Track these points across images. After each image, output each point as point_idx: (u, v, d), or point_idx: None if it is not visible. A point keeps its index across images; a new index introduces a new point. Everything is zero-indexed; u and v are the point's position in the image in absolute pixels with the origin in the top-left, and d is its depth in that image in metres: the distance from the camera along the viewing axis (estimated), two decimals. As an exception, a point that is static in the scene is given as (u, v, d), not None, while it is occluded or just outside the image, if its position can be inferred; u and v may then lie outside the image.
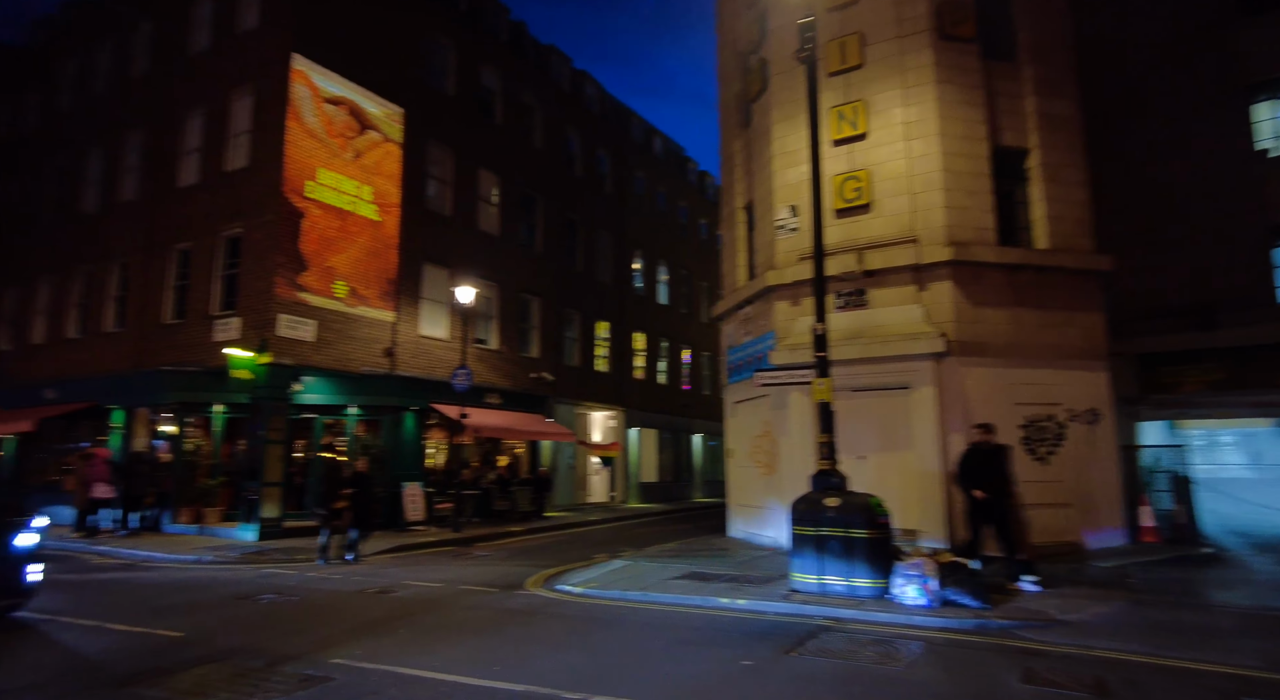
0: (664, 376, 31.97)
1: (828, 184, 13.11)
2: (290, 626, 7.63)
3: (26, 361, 21.36)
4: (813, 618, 7.99)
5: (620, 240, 29.56)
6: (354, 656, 6.39)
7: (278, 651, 6.55)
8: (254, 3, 18.27)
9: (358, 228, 18.21)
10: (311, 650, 6.59)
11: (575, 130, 27.52)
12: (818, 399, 9.69)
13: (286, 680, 5.72)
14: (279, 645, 6.78)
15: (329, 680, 5.72)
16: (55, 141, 22.66)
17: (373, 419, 18.09)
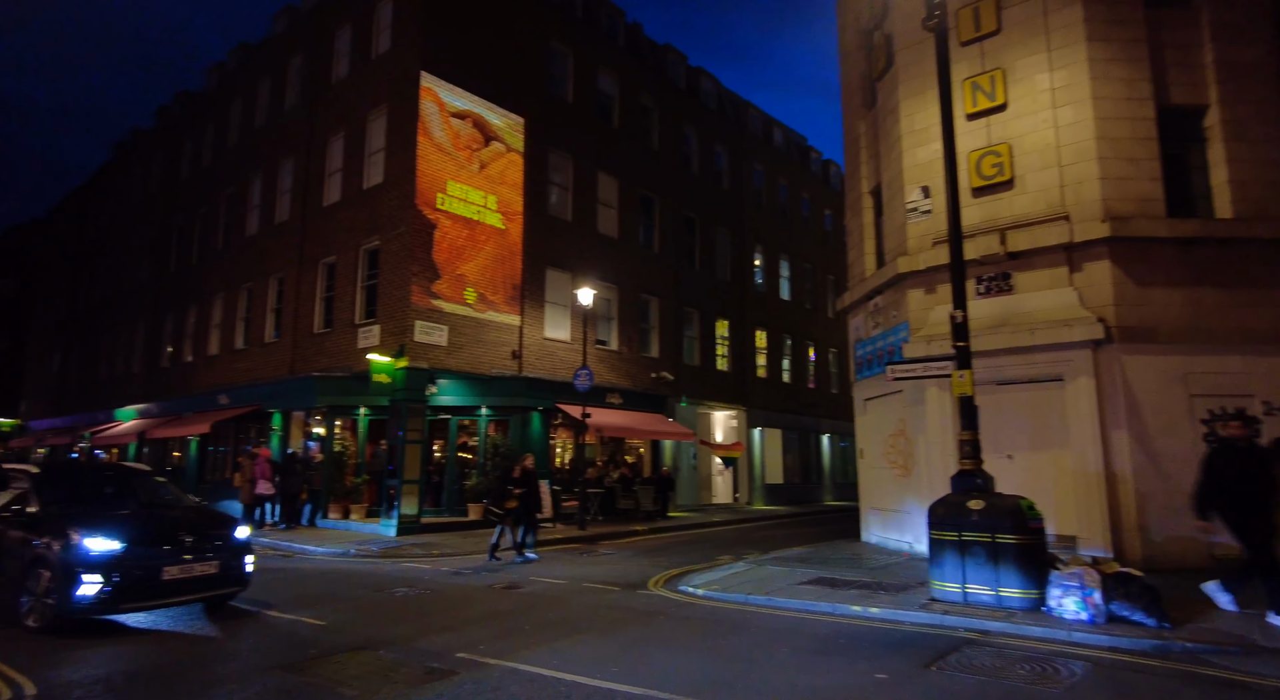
0: (788, 374, 31.07)
1: (963, 161, 12.12)
2: (421, 620, 7.88)
3: (205, 371, 23.87)
4: (955, 629, 7.31)
5: (739, 236, 29.05)
6: (478, 651, 6.46)
7: (407, 644, 6.75)
8: (386, 27, 19.44)
9: (485, 236, 18.91)
10: (438, 644, 6.75)
11: (692, 127, 27.33)
12: (958, 393, 8.91)
13: (414, 672, 5.86)
14: (409, 638, 6.99)
15: (453, 674, 5.79)
16: (226, 173, 25.20)
17: (502, 419, 18.71)
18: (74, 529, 6.89)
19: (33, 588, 6.86)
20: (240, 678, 5.67)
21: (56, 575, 6.66)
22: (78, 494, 8.17)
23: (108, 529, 7.01)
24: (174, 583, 7.11)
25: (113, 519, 7.39)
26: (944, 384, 11.75)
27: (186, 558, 7.27)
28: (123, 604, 6.83)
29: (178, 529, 7.56)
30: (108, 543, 6.84)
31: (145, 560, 6.98)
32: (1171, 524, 10.17)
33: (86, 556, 6.70)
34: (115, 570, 6.74)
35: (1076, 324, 10.79)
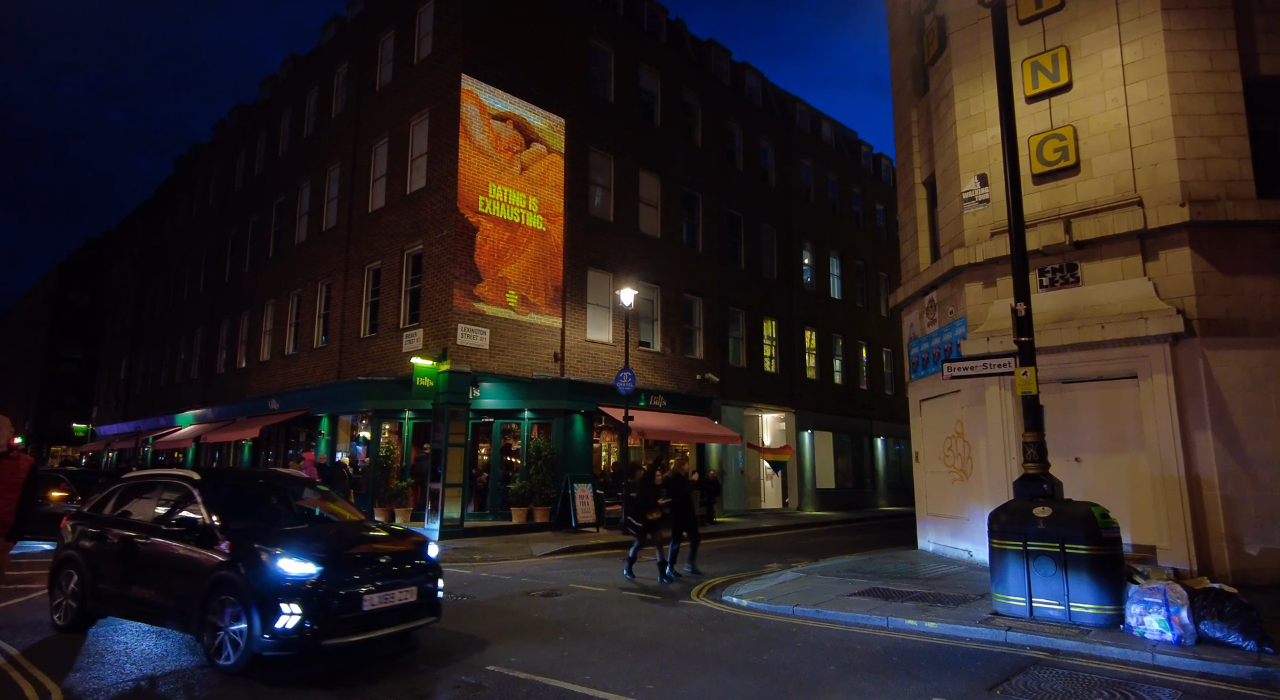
0: (839, 375, 30.21)
1: (1023, 146, 11.39)
2: (455, 628, 7.64)
3: (257, 376, 24.40)
4: (1021, 647, 6.71)
5: (786, 233, 28.37)
6: (509, 664, 6.18)
7: (438, 653, 6.52)
8: (428, 32, 19.54)
9: (526, 238, 18.79)
10: (470, 655, 6.49)
11: (736, 124, 26.82)
12: (1021, 392, 8.27)
13: (443, 685, 5.62)
14: (441, 647, 6.76)
15: (481, 689, 5.52)
16: (277, 182, 25.77)
17: (545, 422, 18.54)
18: (264, 548, 5.89)
19: (216, 618, 5.84)
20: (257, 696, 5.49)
21: (247, 603, 5.63)
22: (243, 505, 7.13)
23: (300, 548, 5.99)
24: (375, 613, 6.00)
25: (301, 537, 6.40)
26: (1005, 383, 11.06)
27: (385, 583, 6.15)
28: (324, 639, 5.70)
29: (366, 549, 6.59)
30: (303, 565, 5.81)
31: (345, 586, 5.88)
32: (1268, 535, 9.29)
33: (283, 582, 5.68)
34: (315, 598, 5.69)
35: (1153, 316, 9.97)
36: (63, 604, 7.19)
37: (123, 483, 7.76)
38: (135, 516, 7.13)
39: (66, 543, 7.47)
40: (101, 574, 6.92)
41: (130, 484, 7.67)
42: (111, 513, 7.37)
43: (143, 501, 7.23)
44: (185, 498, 6.80)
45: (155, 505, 7.03)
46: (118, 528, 7.07)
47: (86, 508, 7.75)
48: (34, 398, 49.84)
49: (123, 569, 6.75)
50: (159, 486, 7.23)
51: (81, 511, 7.74)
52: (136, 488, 7.53)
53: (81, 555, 7.16)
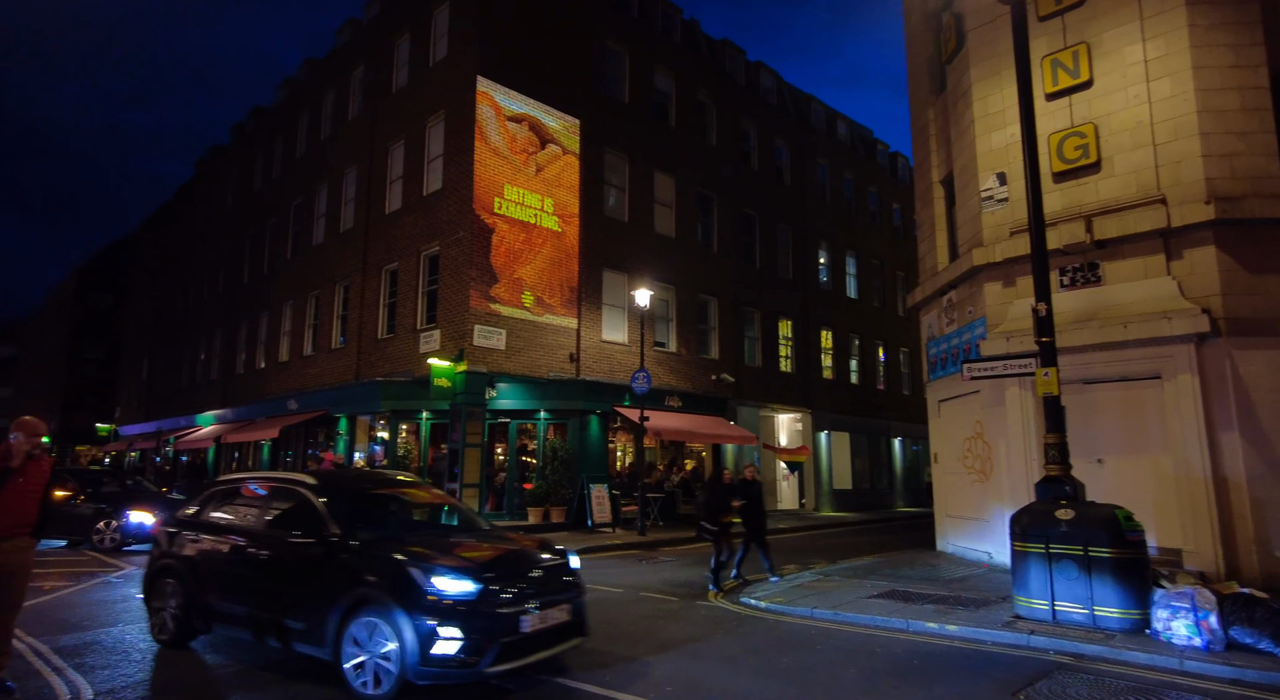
0: (856, 376, 30.03)
1: (1043, 144, 11.26)
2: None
3: (276, 377, 24.62)
4: (1044, 651, 6.63)
5: (802, 233, 28.25)
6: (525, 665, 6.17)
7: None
8: (444, 35, 19.63)
9: (541, 239, 18.84)
10: (486, 654, 6.49)
11: (751, 123, 26.73)
12: (1043, 393, 8.17)
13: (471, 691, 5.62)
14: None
15: (508, 693, 5.51)
16: (294, 184, 25.99)
17: (561, 422, 18.57)
18: (412, 563, 5.30)
19: (358, 643, 5.26)
20: (276, 690, 5.53)
21: (398, 626, 5.05)
22: (365, 513, 6.49)
23: (453, 563, 5.39)
24: (534, 636, 5.40)
25: (448, 549, 5.76)
26: (1025, 383, 10.94)
27: (542, 601, 5.56)
28: (487, 666, 5.11)
29: (518, 562, 5.88)
30: (459, 582, 5.19)
31: (504, 605, 5.29)
32: (1296, 538, 9.11)
33: (440, 602, 5.07)
34: (475, 620, 5.10)
35: (1177, 316, 9.82)
36: (164, 618, 6.64)
37: (221, 486, 7.27)
38: (244, 524, 6.54)
39: (163, 550, 6.94)
40: (207, 587, 6.35)
41: (230, 488, 7.13)
42: (211, 519, 6.82)
43: (248, 508, 6.69)
44: (302, 505, 6.17)
45: (264, 512, 6.49)
46: (225, 537, 6.48)
47: (182, 513, 7.21)
48: (58, 398, 50.63)
49: (233, 582, 6.20)
50: (260, 489, 6.76)
51: (177, 517, 7.19)
52: (237, 492, 6.99)
53: (182, 565, 6.61)
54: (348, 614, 5.31)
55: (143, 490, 15.55)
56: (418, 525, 6.84)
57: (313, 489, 6.24)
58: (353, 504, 6.37)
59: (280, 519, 6.32)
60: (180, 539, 6.80)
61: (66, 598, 9.11)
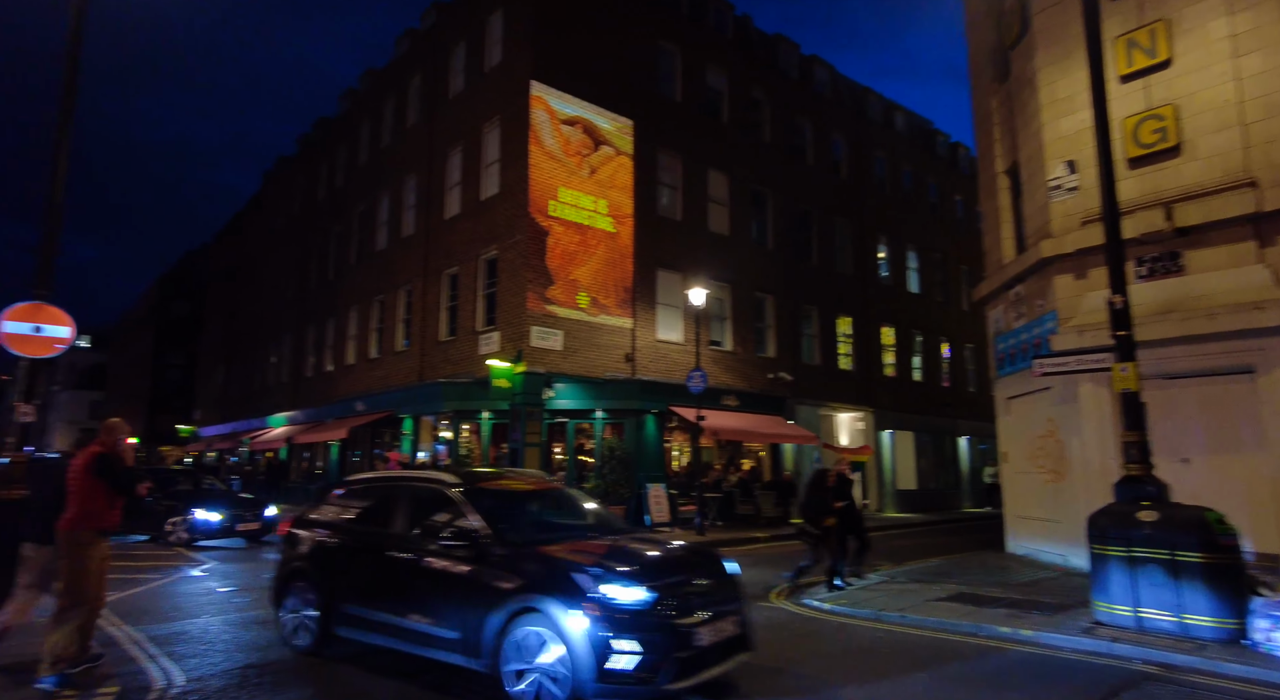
0: (919, 373, 29.26)
1: (1117, 129, 10.72)
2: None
3: (343, 379, 25.46)
4: (1129, 660, 6.33)
5: (860, 227, 27.68)
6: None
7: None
8: (498, 41, 19.96)
9: (596, 240, 18.97)
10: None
11: (806, 118, 26.34)
12: (1120, 389, 7.81)
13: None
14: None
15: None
16: (357, 192, 26.83)
17: (617, 422, 18.66)
18: (578, 568, 4.89)
19: (521, 656, 4.89)
20: (352, 684, 5.70)
21: (567, 639, 4.65)
22: (511, 513, 6.10)
23: (622, 569, 4.94)
24: (707, 651, 4.92)
25: (612, 554, 5.33)
26: (1100, 379, 10.45)
27: (714, 611, 5.09)
28: (665, 683, 4.63)
29: (686, 567, 5.42)
30: (632, 591, 4.73)
31: (677, 616, 4.84)
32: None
33: (612, 611, 4.64)
34: (651, 632, 4.65)
35: (1271, 306, 9.24)
36: (300, 623, 6.41)
37: (355, 485, 6.98)
38: (380, 526, 6.18)
39: (294, 553, 6.70)
40: (344, 591, 6.10)
41: (364, 487, 6.84)
42: (343, 520, 6.56)
43: (382, 508, 6.33)
44: (444, 504, 5.86)
45: (402, 513, 6.11)
46: (360, 539, 6.24)
47: (310, 514, 6.95)
48: (144, 402, 53.50)
49: (373, 587, 5.92)
50: (404, 492, 6.34)
51: (307, 518, 6.93)
52: (373, 492, 6.66)
53: (315, 569, 6.38)
54: (508, 623, 4.94)
55: (210, 489, 16.23)
56: (561, 526, 6.37)
57: (453, 487, 5.94)
58: (496, 503, 5.97)
59: (421, 520, 5.96)
60: (311, 541, 6.57)
61: (156, 589, 9.61)
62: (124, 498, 5.87)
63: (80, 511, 5.50)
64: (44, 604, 5.90)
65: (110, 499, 5.65)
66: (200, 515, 14.13)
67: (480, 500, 5.79)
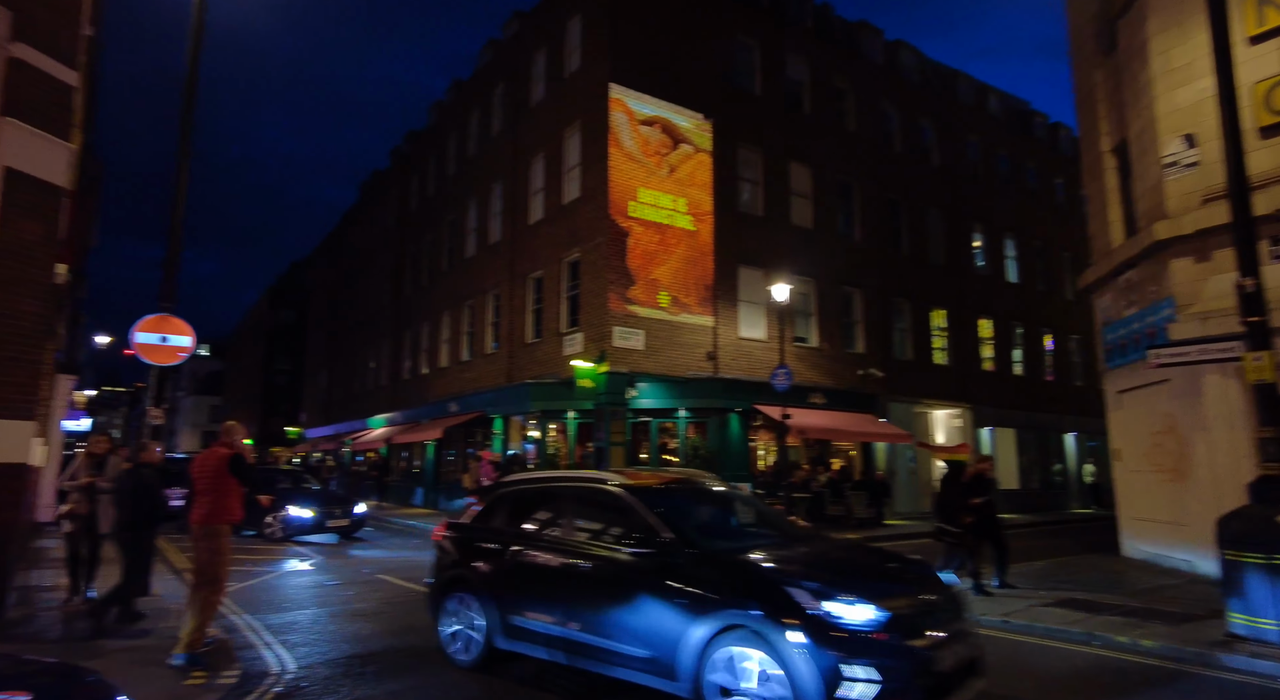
0: (1020, 367, 27.76)
1: (1245, 95, 9.82)
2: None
3: (437, 381, 26.43)
4: (1274, 678, 5.76)
5: (953, 216, 26.50)
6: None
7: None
8: (576, 46, 20.24)
9: (675, 239, 18.94)
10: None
11: (892, 105, 25.45)
12: (1254, 380, 7.13)
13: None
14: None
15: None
16: (446, 201, 27.80)
17: (700, 421, 18.57)
18: (791, 581, 4.34)
19: (727, 680, 4.33)
20: (445, 674, 5.87)
21: (788, 664, 4.06)
22: (691, 520, 5.57)
23: (845, 583, 4.37)
24: (948, 676, 4.27)
25: (823, 564, 4.83)
26: (1228, 369, 9.62)
27: (948, 630, 4.45)
28: None
29: (911, 580, 4.79)
30: (859, 607, 4.14)
31: (913, 636, 4.20)
32: None
33: (841, 631, 4.05)
34: (886, 655, 4.05)
35: None
36: (462, 635, 6.05)
37: (512, 488, 6.58)
38: (551, 532, 5.78)
39: (453, 559, 6.33)
40: (512, 602, 5.68)
41: (522, 490, 6.44)
42: (508, 526, 6.14)
43: (548, 512, 5.95)
44: (617, 507, 5.43)
45: (570, 517, 5.72)
46: (528, 546, 5.80)
47: (469, 519, 6.64)
48: (257, 405, 57.29)
49: (544, 598, 5.47)
50: (566, 494, 5.96)
51: (463, 523, 6.63)
52: (532, 495, 6.29)
53: (478, 578, 5.99)
54: (710, 642, 4.39)
55: (305, 488, 17.02)
56: (742, 530, 5.86)
57: (621, 488, 5.48)
58: (671, 504, 5.46)
59: (590, 524, 5.63)
60: (469, 547, 6.24)
61: (269, 581, 10.24)
62: (249, 493, 6.37)
63: (214, 506, 5.96)
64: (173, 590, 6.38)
65: (238, 495, 6.12)
66: (294, 512, 14.90)
67: (654, 502, 5.30)
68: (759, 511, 6.31)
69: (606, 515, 5.56)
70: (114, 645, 6.28)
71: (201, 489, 6.00)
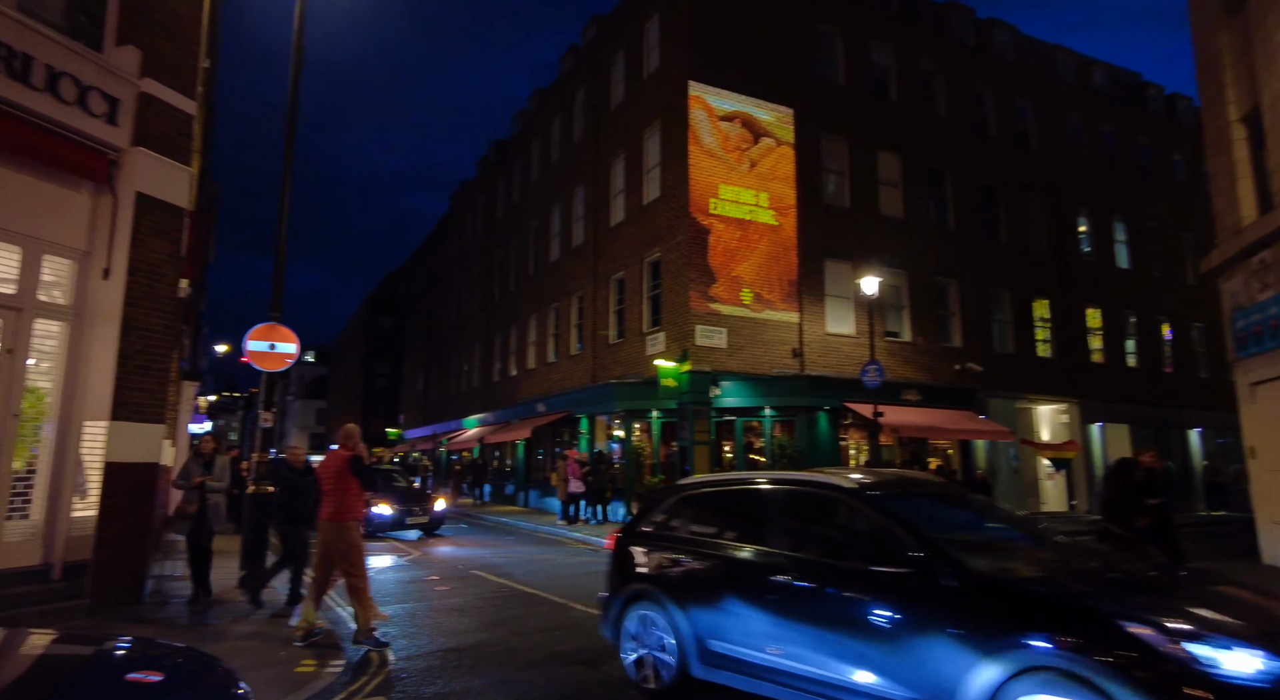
0: (1134, 358, 25.89)
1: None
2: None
3: (525, 383, 27.08)
4: None
5: (1054, 200, 24.98)
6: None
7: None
8: (655, 46, 20.28)
9: (757, 235, 18.67)
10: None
11: (985, 86, 24.24)
12: None
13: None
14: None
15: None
16: (531, 207, 28.45)
17: (787, 419, 18.23)
18: (1130, 616, 3.28)
19: None
20: (536, 671, 5.99)
21: None
22: (941, 527, 4.50)
23: (1211, 620, 3.33)
24: None
25: (1148, 588, 3.93)
26: (1386, 357, 8.62)
27: None
28: None
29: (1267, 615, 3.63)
30: (1246, 656, 3.05)
31: None
32: None
33: (1222, 689, 2.97)
34: None
35: None
36: (649, 659, 5.21)
37: (701, 489, 5.70)
38: (756, 543, 4.83)
39: (635, 572, 5.51)
40: (712, 624, 4.81)
41: (718, 491, 5.62)
42: (696, 533, 5.32)
43: (754, 520, 5.01)
44: (851, 516, 4.60)
45: (787, 526, 4.83)
46: (730, 558, 4.91)
47: (644, 524, 5.75)
48: (359, 408, 60.38)
49: (759, 623, 4.52)
50: (780, 498, 5.00)
51: (640, 530, 5.73)
52: (731, 498, 5.45)
53: (667, 593, 5.13)
54: (1002, 689, 3.40)
55: (389, 485, 17.57)
56: (1010, 544, 4.72)
57: (858, 493, 4.55)
58: (921, 514, 4.50)
59: (815, 535, 4.81)
60: (656, 558, 5.41)
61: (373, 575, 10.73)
62: (369, 491, 6.88)
63: (339, 504, 6.43)
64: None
65: (360, 493, 6.56)
66: (376, 509, 15.48)
67: (902, 511, 4.38)
68: (1009, 518, 5.19)
69: (836, 524, 4.71)
70: (239, 631, 6.75)
71: (328, 489, 6.50)
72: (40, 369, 7.07)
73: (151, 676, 2.42)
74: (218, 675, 2.62)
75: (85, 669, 2.50)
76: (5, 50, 6.42)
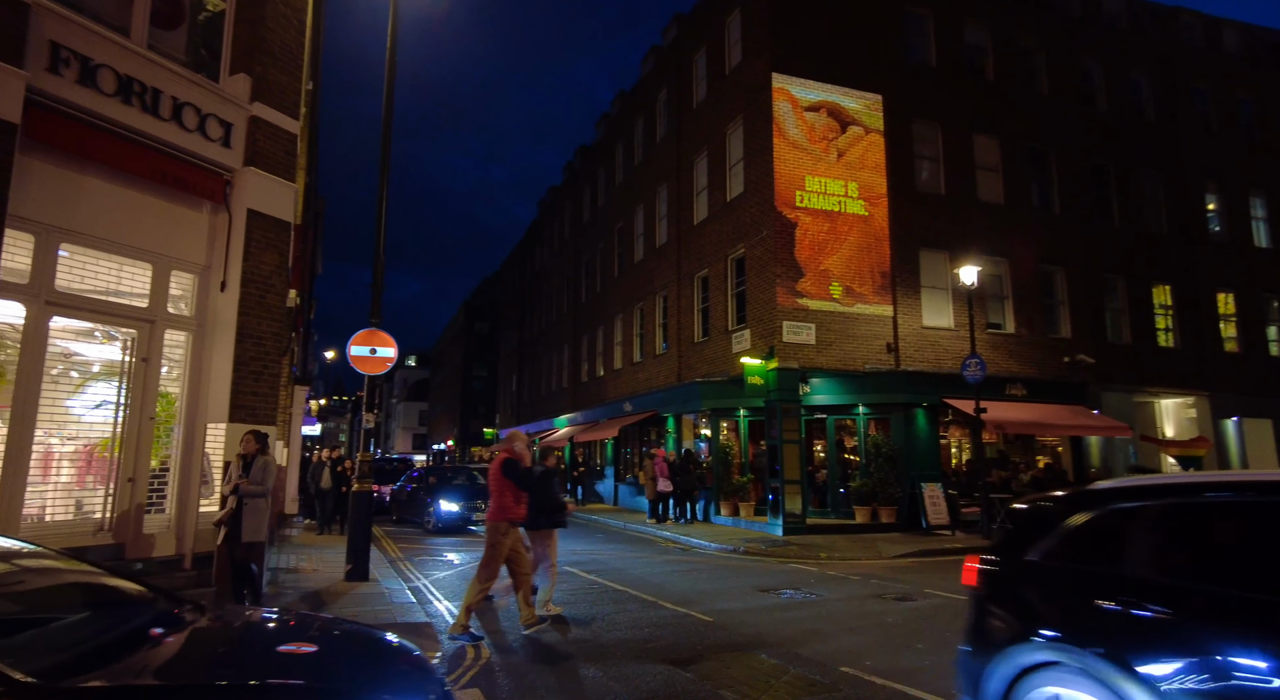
0: (1275, 346, 23.56)
1: None
2: (803, 625, 7.59)
3: (612, 382, 27.39)
4: None
5: (1176, 176, 23.05)
6: (863, 667, 5.96)
7: (788, 650, 6.53)
8: (737, 41, 20.05)
9: (846, 226, 18.15)
10: (821, 654, 6.39)
11: (1094, 58, 22.65)
12: None
13: (794, 683, 5.60)
14: (791, 643, 6.76)
15: (835, 690, 5.39)
16: (616, 209, 28.75)
17: (881, 417, 17.62)
18: None
19: None
20: (624, 667, 6.03)
21: None
22: None
23: None
24: None
25: None
26: None
27: None
28: None
29: None
30: None
31: None
32: None
33: None
34: None
35: None
36: None
37: (1151, 501, 3.43)
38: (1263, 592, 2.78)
39: (1034, 621, 3.54)
40: None
41: (1182, 504, 3.32)
42: (1145, 569, 3.28)
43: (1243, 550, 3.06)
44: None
45: None
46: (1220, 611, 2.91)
47: (1031, 552, 3.74)
48: (458, 409, 62.78)
49: None
50: None
51: (1027, 559, 3.74)
52: (1186, 516, 3.29)
53: (1120, 669, 2.99)
54: None
55: (456, 483, 18.03)
56: None
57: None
58: None
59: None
60: (1081, 607, 3.35)
61: (465, 571, 11.12)
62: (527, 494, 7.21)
63: (497, 505, 6.83)
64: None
65: (516, 495, 6.91)
66: (443, 507, 15.92)
67: None
68: None
69: None
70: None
71: (491, 491, 7.00)
72: (170, 376, 7.71)
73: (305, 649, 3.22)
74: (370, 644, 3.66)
75: None
76: (139, 86, 7.04)
